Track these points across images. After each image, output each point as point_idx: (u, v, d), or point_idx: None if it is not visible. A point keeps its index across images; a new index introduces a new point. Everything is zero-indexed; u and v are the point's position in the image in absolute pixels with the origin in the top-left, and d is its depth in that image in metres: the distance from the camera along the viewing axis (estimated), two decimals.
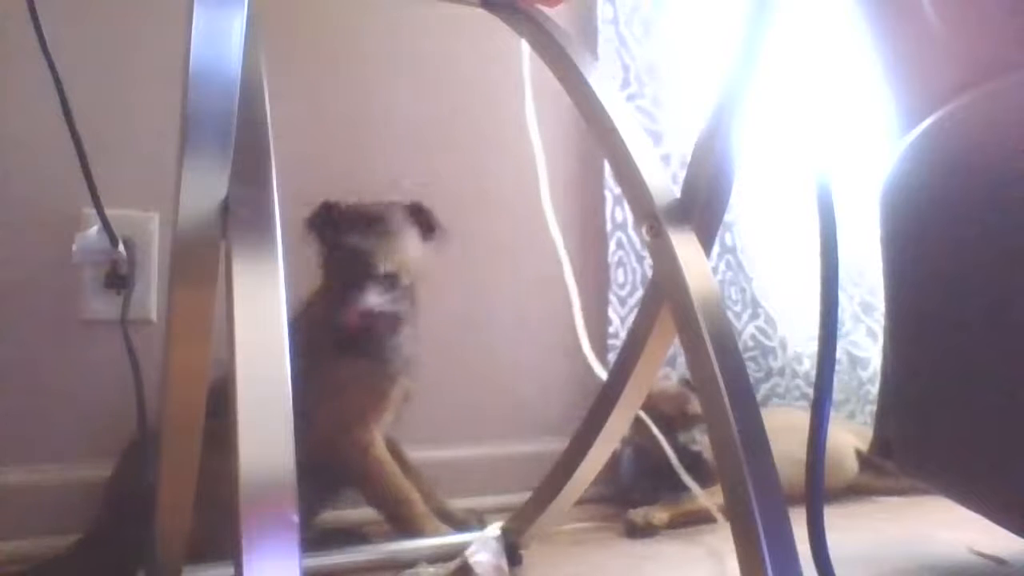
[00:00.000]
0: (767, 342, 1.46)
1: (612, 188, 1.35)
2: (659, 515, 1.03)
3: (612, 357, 1.26)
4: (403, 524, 0.89)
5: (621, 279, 1.35)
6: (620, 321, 1.33)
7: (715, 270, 1.43)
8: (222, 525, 0.39)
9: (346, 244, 0.90)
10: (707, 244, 0.65)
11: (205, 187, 0.45)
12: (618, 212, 1.36)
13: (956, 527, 0.96)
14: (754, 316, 1.46)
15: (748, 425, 0.52)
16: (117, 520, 0.83)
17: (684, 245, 0.60)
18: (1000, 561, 0.83)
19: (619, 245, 1.36)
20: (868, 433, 1.29)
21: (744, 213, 1.46)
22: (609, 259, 1.34)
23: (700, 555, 0.91)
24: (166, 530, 0.63)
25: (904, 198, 0.77)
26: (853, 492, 1.26)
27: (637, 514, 1.02)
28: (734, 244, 1.45)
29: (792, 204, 1.50)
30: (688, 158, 0.69)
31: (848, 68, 1.39)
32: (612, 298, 1.34)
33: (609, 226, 1.35)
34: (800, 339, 1.49)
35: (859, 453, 1.28)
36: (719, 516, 0.99)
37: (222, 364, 0.43)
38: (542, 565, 0.86)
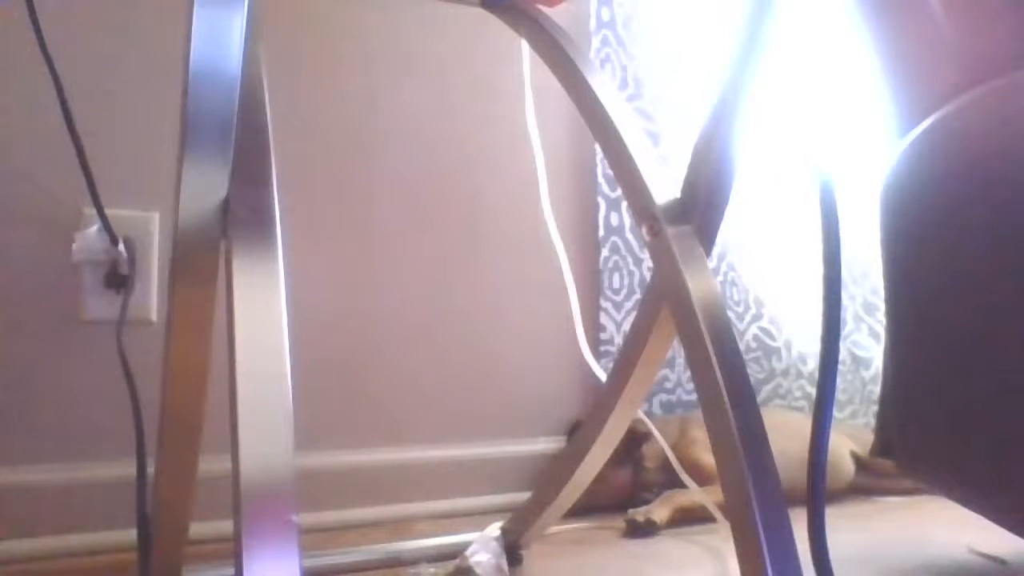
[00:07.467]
0: (771, 343, 1.46)
1: (606, 193, 1.35)
2: (660, 512, 1.03)
3: (605, 362, 1.26)
4: None
5: (616, 284, 1.35)
6: (616, 326, 1.33)
7: (716, 271, 1.42)
8: None
9: None
10: (707, 244, 0.65)
11: (205, 187, 0.45)
12: (613, 216, 1.35)
13: (956, 527, 0.96)
14: (757, 317, 1.46)
15: (748, 425, 0.52)
16: None
17: (684, 245, 0.60)
18: (1000, 561, 0.83)
19: (614, 250, 1.35)
20: (864, 436, 1.30)
21: (746, 213, 1.46)
22: (601, 265, 1.34)
23: (700, 555, 0.91)
24: (165, 529, 0.63)
25: (904, 197, 0.77)
26: (853, 493, 1.26)
27: (638, 512, 1.02)
28: (735, 245, 1.45)
29: (794, 204, 1.50)
30: (686, 159, 0.69)
31: (848, 68, 1.39)
32: (606, 304, 1.33)
33: (602, 232, 1.34)
34: (805, 340, 1.48)
35: (855, 456, 1.28)
36: (719, 516, 0.99)
37: None
38: (542, 565, 0.86)
